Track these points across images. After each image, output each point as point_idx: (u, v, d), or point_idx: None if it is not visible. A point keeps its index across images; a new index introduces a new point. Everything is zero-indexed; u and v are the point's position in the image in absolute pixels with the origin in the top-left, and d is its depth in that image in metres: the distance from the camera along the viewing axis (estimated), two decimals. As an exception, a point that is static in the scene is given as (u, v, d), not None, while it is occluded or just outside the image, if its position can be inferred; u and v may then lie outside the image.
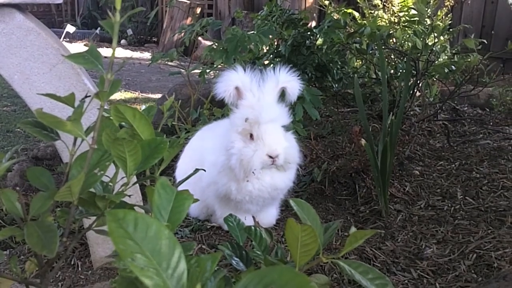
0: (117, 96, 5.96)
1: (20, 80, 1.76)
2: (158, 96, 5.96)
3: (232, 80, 2.12)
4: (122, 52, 10.24)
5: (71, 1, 13.54)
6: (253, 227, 1.22)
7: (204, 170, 1.45)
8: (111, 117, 1.09)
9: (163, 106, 1.38)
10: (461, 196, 2.66)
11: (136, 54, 10.18)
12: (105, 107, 1.08)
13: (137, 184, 1.82)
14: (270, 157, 2.12)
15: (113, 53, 1.01)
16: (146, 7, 11.77)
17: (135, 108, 1.06)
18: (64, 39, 10.81)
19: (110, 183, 1.12)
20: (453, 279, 1.97)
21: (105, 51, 9.88)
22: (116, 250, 0.69)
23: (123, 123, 1.09)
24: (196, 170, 1.35)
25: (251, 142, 2.14)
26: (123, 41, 11.34)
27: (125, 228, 0.65)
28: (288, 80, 2.19)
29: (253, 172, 2.15)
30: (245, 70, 2.16)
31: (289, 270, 0.63)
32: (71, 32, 10.92)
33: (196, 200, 1.05)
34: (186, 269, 0.66)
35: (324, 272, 2.01)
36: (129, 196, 1.10)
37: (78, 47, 10.34)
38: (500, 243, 2.16)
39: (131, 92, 6.33)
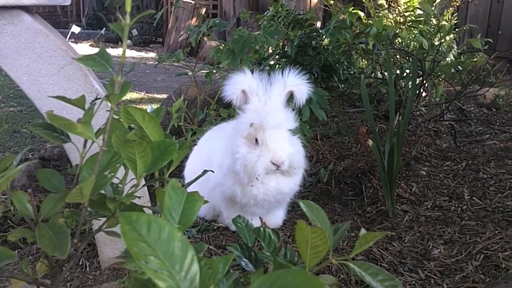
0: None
1: (29, 81, 1.77)
2: (164, 96, 5.97)
3: (239, 83, 2.11)
4: (127, 53, 10.24)
5: (76, 1, 13.59)
6: (261, 228, 1.22)
7: (213, 171, 1.45)
8: (120, 119, 1.09)
9: (172, 108, 1.39)
10: (468, 197, 2.65)
11: (142, 55, 10.20)
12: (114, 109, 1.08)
13: (146, 187, 1.83)
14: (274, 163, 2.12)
15: (123, 55, 1.01)
16: (151, 8, 11.79)
17: (144, 110, 1.07)
18: (70, 40, 10.84)
19: (120, 185, 1.13)
20: (461, 280, 1.97)
21: (110, 52, 9.89)
22: (127, 251, 0.69)
23: (132, 125, 1.10)
24: (205, 171, 1.36)
25: (256, 147, 2.12)
26: (128, 42, 11.36)
27: (139, 230, 0.65)
28: (296, 84, 2.17)
29: (256, 178, 2.14)
30: (253, 73, 2.15)
31: (302, 273, 0.63)
32: (76, 32, 10.96)
33: (206, 201, 1.05)
34: (198, 271, 0.66)
35: (331, 273, 2.01)
36: (139, 197, 1.10)
37: (84, 47, 10.37)
38: (508, 244, 2.15)
39: (136, 93, 6.35)
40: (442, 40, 3.61)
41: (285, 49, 3.40)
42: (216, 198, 2.36)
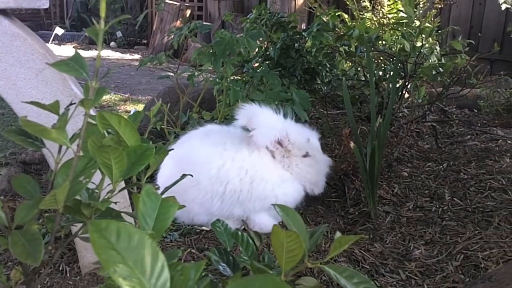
0: (107, 98, 5.94)
1: (6, 86, 1.76)
2: (149, 98, 5.94)
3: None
4: (111, 54, 10.20)
5: (59, 3, 13.46)
6: (239, 232, 1.22)
7: (192, 176, 1.44)
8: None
9: (150, 112, 1.38)
10: (449, 197, 2.68)
11: (126, 56, 10.14)
12: (92, 113, 1.08)
13: (126, 190, 1.82)
14: None
15: (98, 60, 1.01)
16: (136, 9, 11.73)
17: (120, 115, 1.06)
18: (53, 42, 10.75)
19: (96, 190, 1.12)
20: (441, 280, 1.99)
21: (94, 54, 9.84)
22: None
23: (110, 130, 1.09)
24: (183, 176, 1.35)
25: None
26: (112, 44, 11.29)
27: (108, 238, 0.65)
28: None
29: None
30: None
31: (271, 278, 0.64)
32: (60, 34, 10.86)
33: (182, 206, 1.05)
34: (169, 278, 0.66)
35: (313, 275, 2.02)
36: (115, 203, 1.10)
37: (67, 49, 10.28)
38: (487, 244, 2.18)
39: (120, 95, 6.31)
40: (424, 42, 3.64)
41: (268, 52, 3.41)
42: (242, 207, 2.40)
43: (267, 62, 3.36)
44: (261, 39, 3.21)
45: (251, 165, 2.34)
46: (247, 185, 2.32)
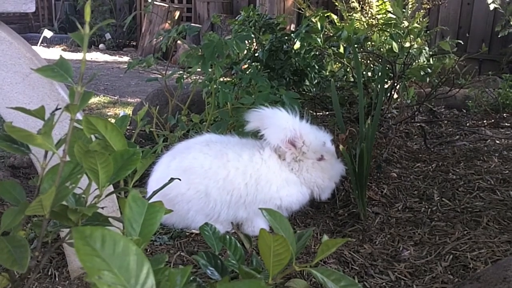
0: (96, 101, 5.91)
1: (-7, 90, 1.74)
2: (138, 100, 5.92)
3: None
4: (100, 57, 10.16)
5: (48, 5, 13.38)
6: (227, 236, 1.22)
7: (179, 179, 1.44)
8: (84, 129, 1.08)
9: (137, 116, 1.38)
10: (438, 198, 2.69)
11: (115, 59, 10.10)
12: (79, 118, 1.07)
13: (114, 194, 1.81)
14: None
15: (83, 65, 1.00)
16: (124, 11, 11.68)
17: (106, 120, 1.06)
18: (42, 44, 10.68)
19: (83, 195, 1.11)
20: (430, 281, 1.99)
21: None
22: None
23: (97, 134, 1.09)
24: (172, 180, 1.35)
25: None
26: (101, 46, 11.24)
27: (92, 245, 0.65)
28: None
29: None
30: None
31: (256, 283, 0.64)
32: (49, 37, 10.80)
33: (169, 211, 1.05)
34: (154, 285, 0.66)
35: (303, 277, 2.02)
36: (102, 208, 1.09)
37: (56, 52, 10.22)
38: (476, 244, 2.19)
39: (109, 97, 6.29)
40: (413, 43, 3.66)
41: (257, 54, 3.41)
42: (246, 210, 2.40)
43: (255, 64, 3.36)
44: (249, 41, 3.21)
45: (255, 169, 2.34)
46: (253, 188, 2.33)
